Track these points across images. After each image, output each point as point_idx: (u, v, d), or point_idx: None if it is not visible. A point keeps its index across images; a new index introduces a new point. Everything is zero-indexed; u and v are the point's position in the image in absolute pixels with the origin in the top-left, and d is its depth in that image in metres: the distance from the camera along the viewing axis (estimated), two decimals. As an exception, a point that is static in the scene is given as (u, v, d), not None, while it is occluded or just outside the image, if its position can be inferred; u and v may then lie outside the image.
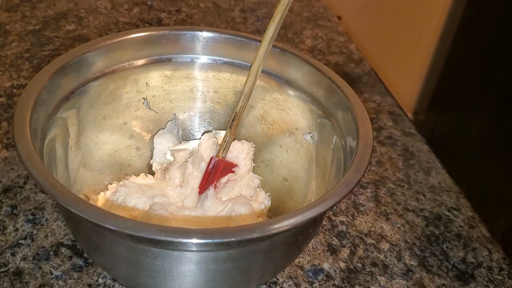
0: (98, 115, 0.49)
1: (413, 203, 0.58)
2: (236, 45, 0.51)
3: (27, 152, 0.35)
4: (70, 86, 0.45)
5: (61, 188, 0.33)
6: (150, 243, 0.34)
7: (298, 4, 0.99)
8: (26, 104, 0.38)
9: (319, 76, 0.47)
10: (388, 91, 0.78)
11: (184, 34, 0.51)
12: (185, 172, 0.50)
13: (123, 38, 0.48)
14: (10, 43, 0.75)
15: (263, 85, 0.51)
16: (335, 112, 0.46)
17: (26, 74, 0.69)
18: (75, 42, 0.78)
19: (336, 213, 0.55)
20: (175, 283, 0.37)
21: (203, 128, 0.56)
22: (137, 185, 0.49)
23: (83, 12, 0.86)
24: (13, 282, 0.44)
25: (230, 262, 0.37)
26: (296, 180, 0.51)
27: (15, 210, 0.50)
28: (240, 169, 0.50)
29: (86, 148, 0.48)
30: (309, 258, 0.50)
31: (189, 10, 0.91)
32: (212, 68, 0.53)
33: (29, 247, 0.47)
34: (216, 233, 0.32)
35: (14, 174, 0.54)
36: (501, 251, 0.53)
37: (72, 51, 0.45)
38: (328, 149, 0.47)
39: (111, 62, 0.48)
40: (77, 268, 0.46)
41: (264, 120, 0.53)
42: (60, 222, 0.50)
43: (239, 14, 0.92)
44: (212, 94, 0.54)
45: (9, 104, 0.63)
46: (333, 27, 0.93)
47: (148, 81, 0.52)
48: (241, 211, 0.46)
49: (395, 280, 0.49)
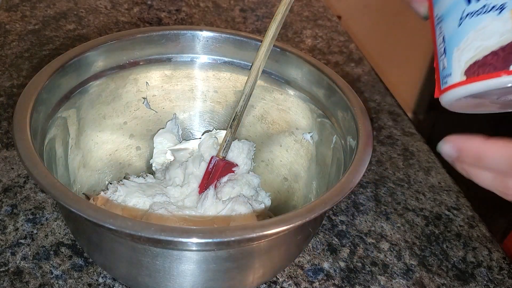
0: (98, 115, 0.49)
1: (413, 203, 0.58)
2: (236, 45, 0.51)
3: (27, 151, 0.35)
4: (70, 85, 0.45)
5: (61, 188, 0.33)
6: (150, 243, 0.34)
7: (298, 4, 0.99)
8: (26, 103, 0.38)
9: (319, 76, 0.47)
10: (388, 91, 0.78)
11: (184, 33, 0.51)
12: (185, 172, 0.50)
13: (123, 38, 0.48)
14: (10, 42, 0.75)
15: (263, 85, 0.51)
16: (335, 112, 0.46)
17: (26, 74, 0.69)
18: (75, 41, 0.78)
19: (336, 212, 0.55)
20: (175, 283, 0.37)
21: (203, 127, 0.56)
22: (137, 184, 0.49)
23: (83, 11, 0.86)
24: (13, 281, 0.44)
25: (230, 262, 0.37)
26: (296, 180, 0.51)
27: (15, 210, 0.50)
28: (240, 169, 0.51)
29: (86, 148, 0.48)
30: (309, 258, 0.50)
31: (189, 9, 0.91)
32: (212, 68, 0.53)
33: (29, 246, 0.47)
34: (216, 232, 0.32)
35: (14, 173, 0.54)
36: (501, 251, 0.53)
37: (72, 51, 0.45)
38: (328, 149, 0.47)
39: (111, 62, 0.48)
40: (77, 267, 0.46)
41: (264, 119, 0.53)
42: (60, 221, 0.50)
43: (239, 13, 0.92)
44: (212, 94, 0.54)
45: (9, 103, 0.63)
46: (333, 27, 0.93)
47: (148, 81, 0.52)
48: (241, 210, 0.46)
49: (395, 279, 0.49)
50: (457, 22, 0.30)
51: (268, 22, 0.47)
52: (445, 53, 0.31)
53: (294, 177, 0.51)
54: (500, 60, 0.27)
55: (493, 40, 0.28)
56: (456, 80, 0.30)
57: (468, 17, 0.29)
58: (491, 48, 0.28)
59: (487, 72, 0.28)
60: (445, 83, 0.31)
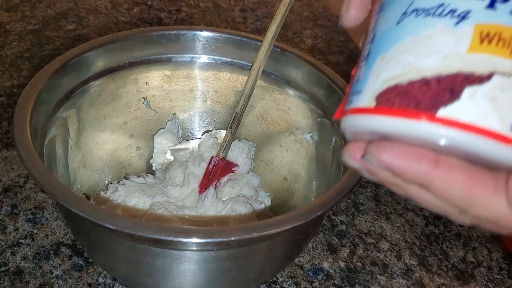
0: (98, 115, 0.49)
1: (412, 203, 0.58)
2: (236, 45, 0.51)
3: (27, 151, 0.35)
4: (70, 85, 0.45)
5: (61, 188, 0.33)
6: (150, 243, 0.34)
7: (298, 4, 0.99)
8: (26, 103, 0.38)
9: (319, 76, 0.47)
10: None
11: (184, 34, 0.51)
12: (185, 172, 0.50)
13: (123, 38, 0.48)
14: (10, 42, 0.75)
15: (263, 85, 0.51)
16: (335, 112, 0.46)
17: (26, 74, 0.69)
18: (75, 41, 0.78)
19: (336, 212, 0.55)
20: (175, 283, 0.37)
21: (203, 127, 0.56)
22: (137, 184, 0.49)
23: (83, 11, 0.86)
24: (14, 281, 0.44)
25: (230, 262, 0.37)
26: (296, 180, 0.51)
27: (15, 210, 0.50)
28: (240, 169, 0.51)
29: (86, 148, 0.48)
30: (309, 258, 0.50)
31: (189, 9, 0.91)
32: (212, 68, 0.53)
33: (29, 246, 0.47)
34: (216, 232, 0.32)
35: (14, 173, 0.54)
36: (501, 251, 0.53)
37: (72, 51, 0.45)
38: (328, 149, 0.47)
39: (111, 62, 0.48)
40: (77, 267, 0.46)
41: (264, 119, 0.53)
42: (60, 221, 0.50)
43: (239, 13, 0.92)
44: (212, 94, 0.54)
45: (9, 103, 0.63)
46: (333, 27, 0.93)
47: (148, 81, 0.52)
48: (241, 210, 0.46)
49: (395, 279, 0.49)
50: (398, 17, 0.21)
51: (268, 22, 0.47)
52: (367, 59, 0.22)
53: (294, 177, 0.51)
54: (429, 95, 0.19)
55: (432, 61, 0.19)
56: (362, 103, 0.21)
57: (413, 15, 0.20)
58: (425, 72, 0.19)
59: (403, 107, 0.19)
60: (350, 103, 0.22)
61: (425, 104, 0.19)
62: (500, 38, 0.18)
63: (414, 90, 0.19)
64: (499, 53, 0.18)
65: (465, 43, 0.19)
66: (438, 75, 0.19)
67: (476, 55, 0.18)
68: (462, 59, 0.19)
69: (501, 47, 0.18)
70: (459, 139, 0.18)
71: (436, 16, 0.19)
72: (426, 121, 0.18)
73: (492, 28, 0.19)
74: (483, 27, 0.19)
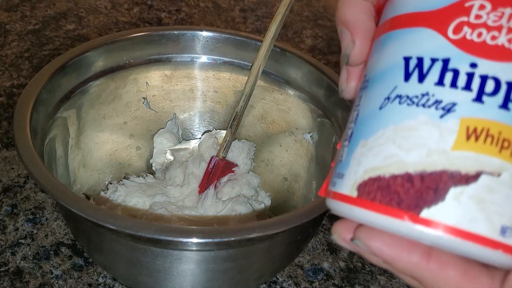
0: (98, 115, 0.49)
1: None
2: (236, 45, 0.51)
3: (27, 151, 0.35)
4: (70, 85, 0.45)
5: (61, 188, 0.33)
6: (150, 243, 0.34)
7: (298, 4, 0.99)
8: (26, 103, 0.38)
9: (319, 76, 0.47)
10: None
11: (184, 34, 0.51)
12: (185, 172, 0.50)
13: (123, 38, 0.48)
14: (10, 42, 0.75)
15: (263, 85, 0.51)
16: (335, 112, 0.46)
17: (26, 74, 0.69)
18: (75, 41, 0.78)
19: (336, 212, 0.55)
20: (175, 283, 0.37)
21: (203, 127, 0.56)
22: (137, 184, 0.49)
23: (83, 11, 0.86)
24: (13, 281, 0.44)
25: (229, 262, 0.37)
26: (296, 180, 0.51)
27: (15, 210, 0.50)
28: (240, 169, 0.51)
29: (86, 148, 0.48)
30: (309, 258, 0.50)
31: (189, 9, 0.91)
32: (212, 68, 0.53)
33: (29, 246, 0.47)
34: (216, 232, 0.32)
35: (14, 173, 0.54)
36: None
37: (72, 51, 0.45)
38: (328, 149, 0.47)
39: (111, 62, 0.48)
40: (77, 267, 0.46)
41: (264, 119, 0.53)
42: (60, 221, 0.50)
43: (239, 13, 0.92)
44: (212, 94, 0.54)
45: (9, 103, 0.63)
46: (333, 27, 0.93)
47: (148, 81, 0.52)
48: (241, 210, 0.46)
49: (395, 279, 0.49)
50: (381, 101, 0.19)
51: (268, 22, 0.47)
52: (350, 140, 0.21)
53: (294, 177, 0.51)
54: (412, 193, 0.18)
55: (415, 156, 0.18)
56: (344, 190, 0.20)
57: (396, 101, 0.19)
58: (407, 167, 0.18)
59: (385, 203, 0.18)
60: (333, 184, 0.21)
61: (407, 203, 0.18)
62: (488, 134, 0.17)
63: (397, 185, 0.18)
64: (487, 151, 0.17)
65: (451, 139, 0.17)
66: (421, 172, 0.18)
67: (462, 153, 0.17)
68: (447, 156, 0.17)
69: (489, 144, 0.17)
70: (444, 242, 0.17)
71: (420, 106, 0.18)
72: (409, 221, 0.18)
73: (479, 123, 0.17)
74: (469, 121, 0.17)
